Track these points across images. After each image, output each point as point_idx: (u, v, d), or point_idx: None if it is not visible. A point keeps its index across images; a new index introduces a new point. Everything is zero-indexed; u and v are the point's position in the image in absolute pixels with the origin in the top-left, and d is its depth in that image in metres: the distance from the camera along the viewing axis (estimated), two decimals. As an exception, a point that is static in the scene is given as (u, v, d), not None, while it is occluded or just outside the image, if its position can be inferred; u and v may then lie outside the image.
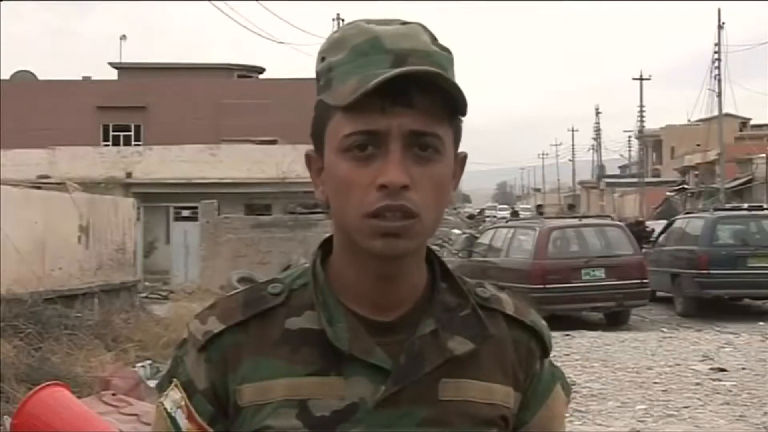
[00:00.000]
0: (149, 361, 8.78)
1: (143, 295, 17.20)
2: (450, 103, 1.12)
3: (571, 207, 32.96)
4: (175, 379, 1.20)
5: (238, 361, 1.16)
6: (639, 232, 19.90)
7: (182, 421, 1.17)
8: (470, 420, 1.16)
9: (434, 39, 1.16)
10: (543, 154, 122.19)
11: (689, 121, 55.71)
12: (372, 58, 1.11)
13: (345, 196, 1.12)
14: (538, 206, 35.78)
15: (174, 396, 1.19)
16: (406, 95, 1.09)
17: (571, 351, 11.04)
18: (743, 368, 9.71)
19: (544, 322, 1.28)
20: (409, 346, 1.15)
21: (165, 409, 1.19)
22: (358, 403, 1.13)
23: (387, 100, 1.09)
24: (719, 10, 44.38)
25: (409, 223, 1.10)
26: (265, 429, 1.14)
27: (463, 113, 1.14)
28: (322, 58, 1.17)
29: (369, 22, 1.16)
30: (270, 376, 1.15)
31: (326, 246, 1.23)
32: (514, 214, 49.22)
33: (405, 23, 1.16)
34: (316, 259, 1.22)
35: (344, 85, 1.11)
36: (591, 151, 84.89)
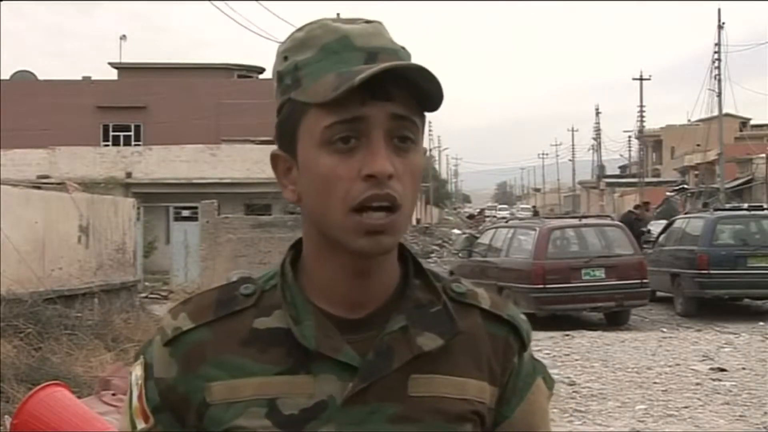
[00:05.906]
0: (149, 361, 8.76)
1: (143, 295, 17.17)
2: (422, 99, 1.14)
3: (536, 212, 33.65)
4: (142, 357, 1.23)
5: (202, 360, 1.17)
6: (630, 219, 19.96)
7: (134, 398, 1.22)
8: (442, 416, 1.16)
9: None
10: (543, 154, 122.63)
11: (689, 121, 55.63)
12: (344, 55, 1.13)
13: (328, 191, 1.12)
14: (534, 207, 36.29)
15: (137, 372, 1.22)
16: (384, 89, 1.11)
17: (571, 351, 11.01)
18: (743, 368, 9.72)
19: (523, 316, 1.27)
20: (378, 343, 1.15)
21: (131, 379, 1.24)
22: (327, 401, 1.13)
23: (366, 93, 1.10)
24: (719, 10, 44.36)
25: (392, 218, 1.12)
26: (234, 428, 1.14)
27: (436, 108, 1.16)
28: (284, 57, 1.18)
29: (334, 21, 1.17)
30: (239, 375, 1.15)
31: (298, 246, 1.24)
32: (536, 213, 49.76)
33: (368, 22, 1.18)
34: (286, 258, 1.23)
35: (320, 81, 1.12)
36: (591, 151, 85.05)
